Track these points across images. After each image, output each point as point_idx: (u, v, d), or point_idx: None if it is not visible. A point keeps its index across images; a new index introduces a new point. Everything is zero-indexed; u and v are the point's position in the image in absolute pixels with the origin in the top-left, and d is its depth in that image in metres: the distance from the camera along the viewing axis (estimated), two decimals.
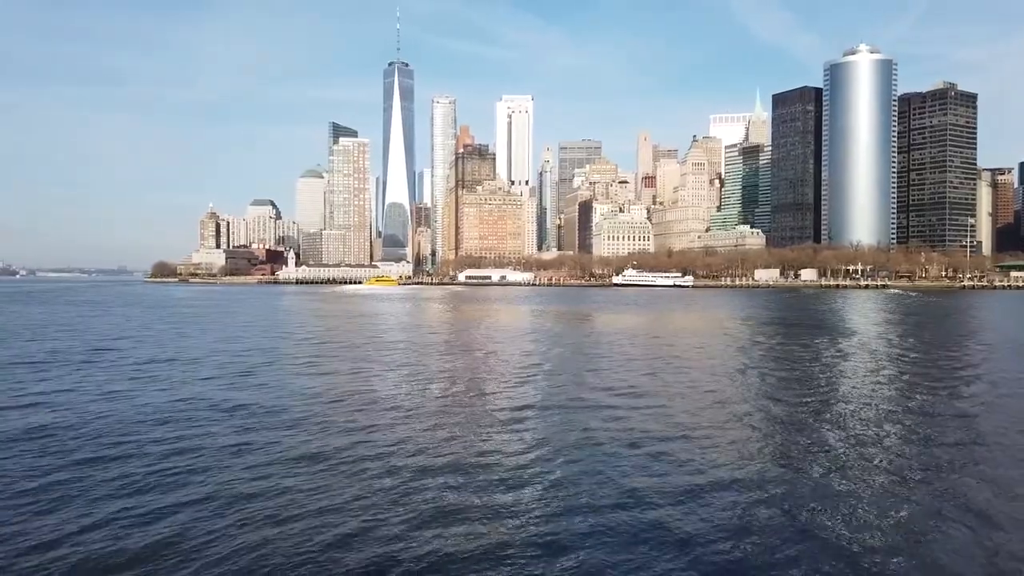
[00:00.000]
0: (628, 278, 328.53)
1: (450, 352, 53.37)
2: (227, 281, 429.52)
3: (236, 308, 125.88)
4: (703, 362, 46.26)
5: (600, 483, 18.88)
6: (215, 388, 34.37)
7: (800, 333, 70.63)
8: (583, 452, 22.08)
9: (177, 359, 46.50)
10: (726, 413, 28.26)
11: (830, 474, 19.92)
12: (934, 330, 77.81)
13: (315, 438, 23.91)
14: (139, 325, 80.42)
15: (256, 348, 54.53)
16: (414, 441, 23.44)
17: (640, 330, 75.95)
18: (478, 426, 25.99)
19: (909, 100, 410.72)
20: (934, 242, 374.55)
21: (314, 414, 27.98)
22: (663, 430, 25.02)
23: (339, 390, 34.13)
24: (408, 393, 33.53)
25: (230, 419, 26.93)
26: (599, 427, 25.58)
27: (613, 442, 23.26)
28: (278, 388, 34.68)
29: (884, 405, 30.39)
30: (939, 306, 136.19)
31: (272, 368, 42.53)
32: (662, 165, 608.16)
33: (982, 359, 48.25)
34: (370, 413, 28.34)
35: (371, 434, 24.50)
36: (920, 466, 20.68)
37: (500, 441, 23.69)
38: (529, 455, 21.78)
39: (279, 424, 26.14)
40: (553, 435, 24.37)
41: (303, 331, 74.14)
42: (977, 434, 24.67)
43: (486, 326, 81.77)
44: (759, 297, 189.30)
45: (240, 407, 29.21)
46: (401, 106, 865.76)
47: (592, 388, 34.58)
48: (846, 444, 23.24)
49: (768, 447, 22.97)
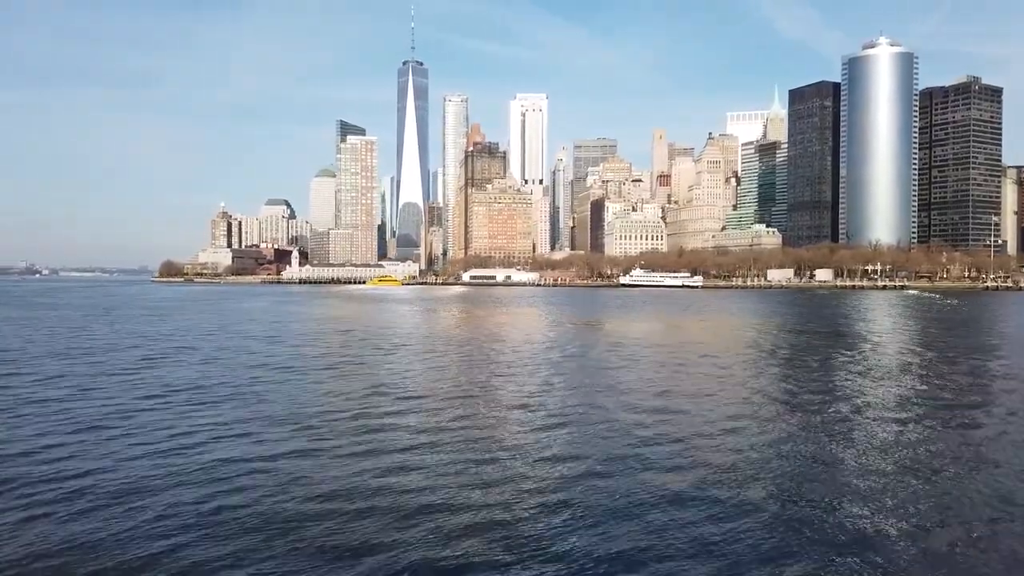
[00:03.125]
0: (635, 278, 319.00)
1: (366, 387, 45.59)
2: (232, 281, 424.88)
3: (191, 311, 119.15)
4: (699, 381, 38.12)
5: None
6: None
7: (792, 340, 62.12)
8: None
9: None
10: (737, 440, 24.87)
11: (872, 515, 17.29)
12: (948, 338, 68.67)
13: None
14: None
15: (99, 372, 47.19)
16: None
17: (617, 339, 67.72)
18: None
19: (931, 94, 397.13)
20: (956, 241, 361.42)
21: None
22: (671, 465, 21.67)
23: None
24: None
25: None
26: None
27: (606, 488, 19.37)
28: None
29: (899, 432, 26.17)
30: (958, 310, 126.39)
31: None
32: (677, 164, 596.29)
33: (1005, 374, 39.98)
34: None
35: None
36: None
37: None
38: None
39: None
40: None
41: (202, 344, 66.77)
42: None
43: (428, 336, 74.23)
44: (769, 299, 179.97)
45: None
46: (415, 105, 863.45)
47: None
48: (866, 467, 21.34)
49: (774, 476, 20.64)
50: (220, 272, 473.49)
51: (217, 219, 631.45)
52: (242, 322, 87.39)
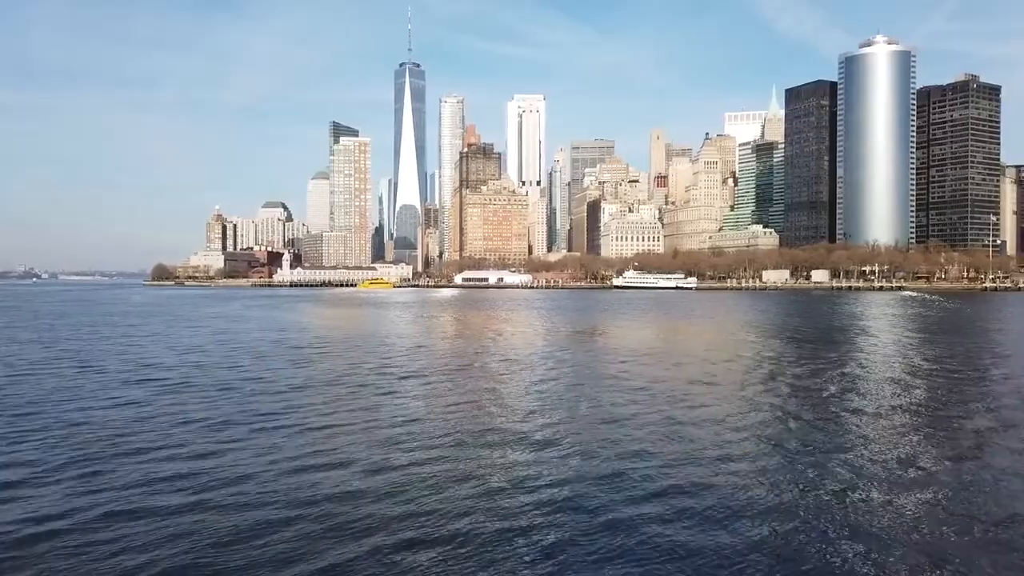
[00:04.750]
0: (629, 280, 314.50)
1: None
2: (222, 284, 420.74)
3: (142, 316, 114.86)
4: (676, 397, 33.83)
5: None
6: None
7: (777, 348, 57.80)
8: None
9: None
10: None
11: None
12: (940, 343, 64.22)
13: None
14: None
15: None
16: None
17: (586, 353, 63.38)
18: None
19: (929, 93, 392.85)
20: (955, 241, 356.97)
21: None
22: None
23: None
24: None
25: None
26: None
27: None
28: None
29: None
30: (955, 311, 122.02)
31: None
32: (674, 164, 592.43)
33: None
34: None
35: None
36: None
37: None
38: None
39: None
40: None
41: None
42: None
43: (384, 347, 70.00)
44: (762, 301, 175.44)
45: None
46: (412, 107, 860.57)
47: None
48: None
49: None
50: (212, 275, 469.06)
51: (212, 221, 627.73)
52: (178, 330, 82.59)
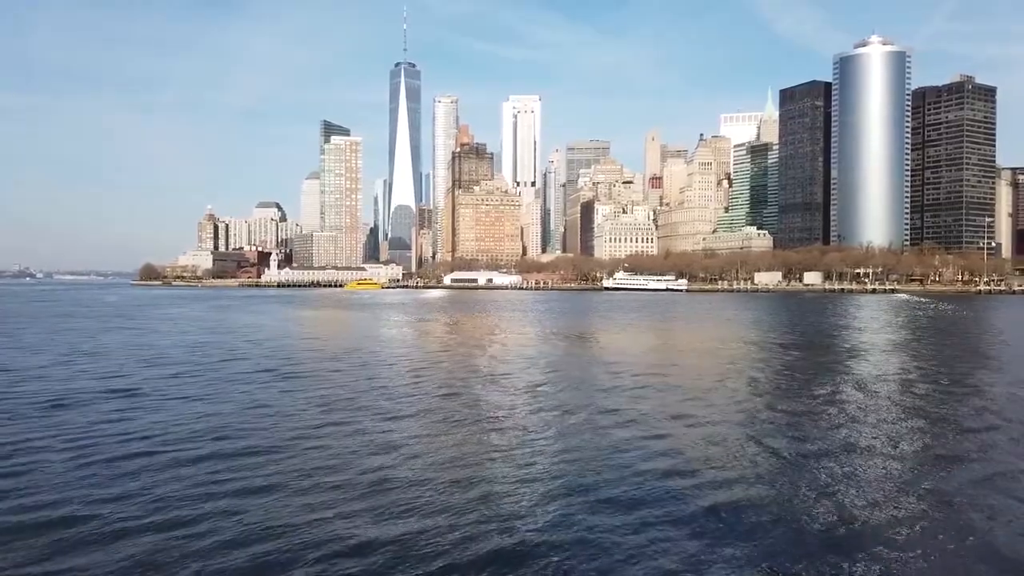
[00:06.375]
0: (619, 281, 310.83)
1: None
2: (210, 284, 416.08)
3: (83, 318, 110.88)
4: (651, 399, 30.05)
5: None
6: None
7: (759, 355, 54.06)
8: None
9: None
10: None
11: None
12: (929, 348, 60.41)
13: None
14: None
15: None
16: None
17: (546, 365, 59.48)
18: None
19: (924, 94, 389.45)
20: (949, 244, 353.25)
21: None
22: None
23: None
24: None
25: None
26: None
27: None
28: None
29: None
30: (947, 315, 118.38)
31: None
32: (669, 165, 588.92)
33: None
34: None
35: None
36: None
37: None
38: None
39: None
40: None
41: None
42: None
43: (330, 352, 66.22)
44: (753, 303, 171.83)
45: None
46: (407, 107, 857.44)
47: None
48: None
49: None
50: (200, 275, 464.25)
51: (204, 221, 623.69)
52: (91, 333, 78.36)
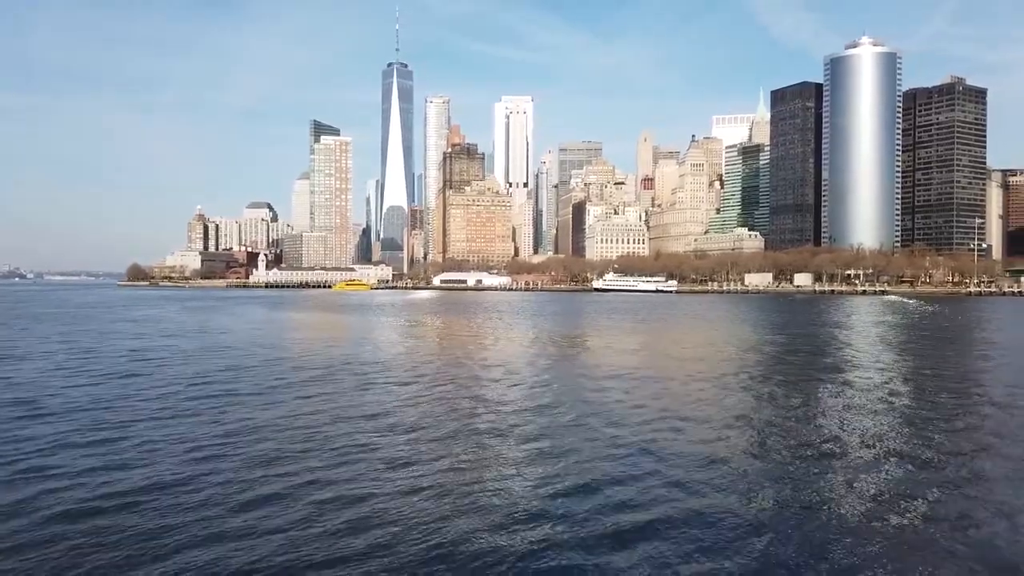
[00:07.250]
0: (609, 282, 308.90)
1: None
2: (198, 284, 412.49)
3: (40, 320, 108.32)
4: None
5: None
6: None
7: (746, 358, 52.00)
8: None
9: None
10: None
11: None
12: (915, 349, 58.45)
13: None
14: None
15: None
16: None
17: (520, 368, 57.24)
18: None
19: (915, 96, 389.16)
20: (940, 245, 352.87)
21: None
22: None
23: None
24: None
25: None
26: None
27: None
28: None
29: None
30: (939, 316, 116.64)
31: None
32: (661, 166, 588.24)
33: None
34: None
35: None
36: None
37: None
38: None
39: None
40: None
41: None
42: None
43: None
44: (742, 304, 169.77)
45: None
46: (400, 107, 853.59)
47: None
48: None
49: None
50: (187, 275, 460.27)
51: (193, 222, 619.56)
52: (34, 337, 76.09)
